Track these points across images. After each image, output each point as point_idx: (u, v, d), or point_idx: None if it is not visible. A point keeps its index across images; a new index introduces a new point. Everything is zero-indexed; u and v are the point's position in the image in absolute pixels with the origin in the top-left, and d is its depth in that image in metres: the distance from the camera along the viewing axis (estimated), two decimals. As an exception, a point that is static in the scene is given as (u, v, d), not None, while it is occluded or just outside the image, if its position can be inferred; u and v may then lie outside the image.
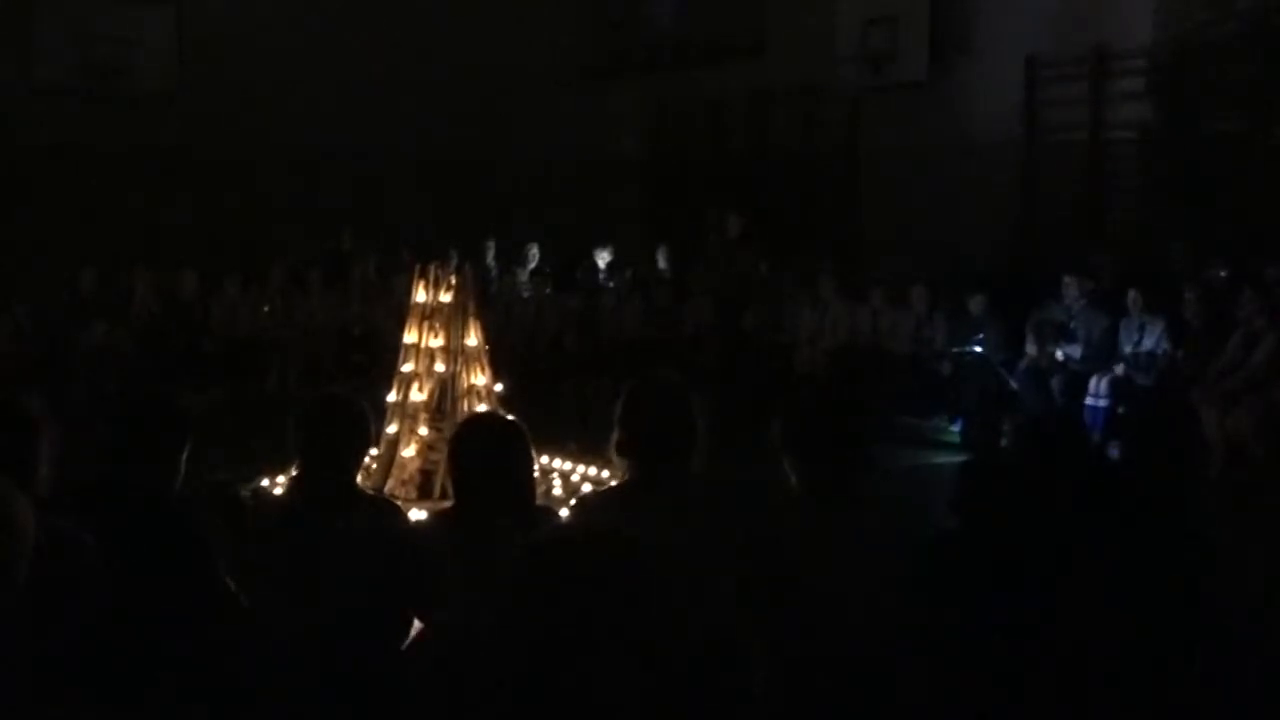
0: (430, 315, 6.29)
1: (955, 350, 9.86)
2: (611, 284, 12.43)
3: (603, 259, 12.64)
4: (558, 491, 6.25)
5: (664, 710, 2.77)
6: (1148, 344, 8.91)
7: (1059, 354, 9.29)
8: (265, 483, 5.99)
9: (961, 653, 3.08)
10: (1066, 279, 9.45)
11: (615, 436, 3.43)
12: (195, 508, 3.39)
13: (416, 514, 4.90)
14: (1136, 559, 3.16)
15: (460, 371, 6.28)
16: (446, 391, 6.24)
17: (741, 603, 3.18)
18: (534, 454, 3.60)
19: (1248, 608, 3.19)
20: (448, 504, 3.46)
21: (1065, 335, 9.37)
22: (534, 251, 12.70)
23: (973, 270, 10.54)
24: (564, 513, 3.89)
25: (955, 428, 9.67)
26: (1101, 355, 9.15)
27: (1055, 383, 9.12)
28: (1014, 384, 9.35)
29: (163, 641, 2.93)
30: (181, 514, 3.30)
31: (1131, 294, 9.04)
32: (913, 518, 3.62)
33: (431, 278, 6.35)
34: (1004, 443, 8.92)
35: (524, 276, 12.56)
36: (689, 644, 3.03)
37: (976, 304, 9.96)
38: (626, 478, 3.47)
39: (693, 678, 3.04)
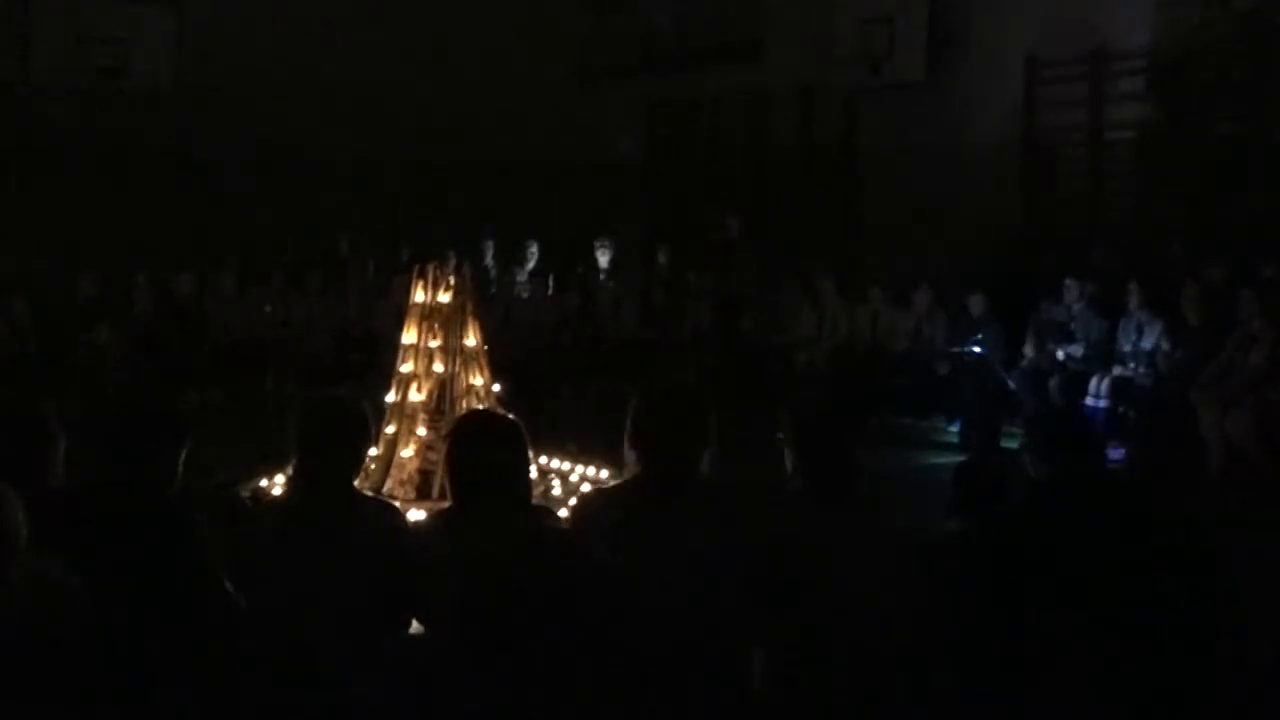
0: (429, 315, 6.28)
1: (954, 350, 9.86)
2: (611, 284, 12.43)
3: (603, 259, 12.63)
4: (557, 491, 6.24)
5: (664, 705, 2.77)
6: (1146, 344, 8.91)
7: (1060, 354, 9.30)
8: (264, 483, 5.98)
9: (960, 652, 3.08)
10: (1068, 281, 9.45)
11: (627, 433, 3.44)
12: (193, 508, 3.39)
13: (415, 514, 4.90)
14: (1135, 560, 3.16)
15: (459, 372, 6.27)
16: (445, 392, 6.23)
17: (744, 602, 3.18)
18: (531, 453, 3.59)
19: (1247, 609, 3.19)
20: (446, 504, 3.45)
21: (1065, 336, 9.37)
22: (533, 251, 12.69)
23: (972, 270, 10.54)
24: (563, 513, 3.89)
25: (954, 428, 9.67)
26: (1101, 356, 9.15)
27: (1054, 383, 9.12)
28: (1013, 384, 9.35)
29: (161, 642, 2.94)
30: (180, 515, 3.30)
31: (1131, 287, 9.03)
32: (911, 518, 3.62)
33: (430, 278, 6.34)
34: (1009, 443, 8.95)
35: (523, 276, 12.55)
36: (685, 642, 3.03)
37: (976, 304, 9.97)
38: (632, 475, 3.47)
39: (694, 674, 3.05)
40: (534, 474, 5.43)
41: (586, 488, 5.98)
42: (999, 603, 3.11)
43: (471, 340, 6.32)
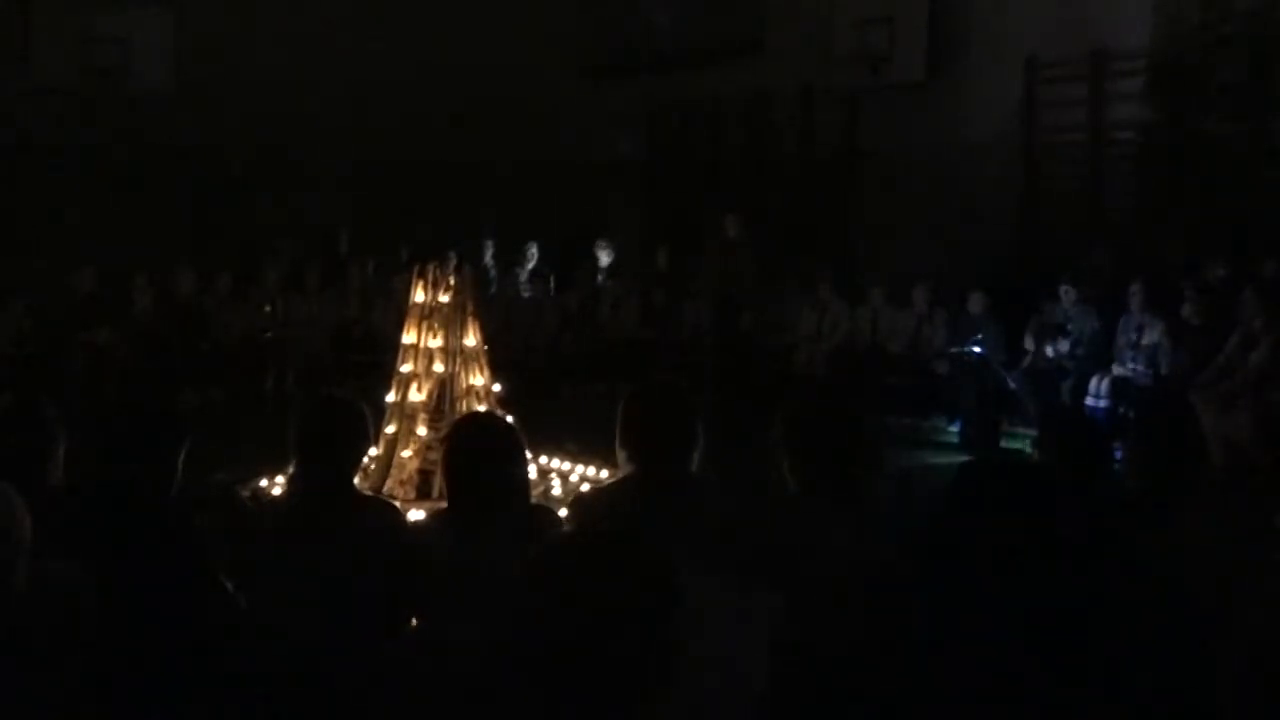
0: (429, 315, 6.29)
1: (954, 350, 9.87)
2: (611, 284, 12.44)
3: (603, 259, 12.64)
4: (557, 491, 6.25)
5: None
6: (1146, 343, 8.91)
7: (1049, 350, 9.31)
8: (264, 483, 5.99)
9: (951, 653, 3.08)
10: (1064, 289, 9.44)
11: (617, 434, 3.44)
12: (193, 508, 3.39)
13: (415, 514, 4.90)
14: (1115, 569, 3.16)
15: (459, 372, 6.29)
16: (445, 392, 6.24)
17: (739, 601, 3.18)
18: (528, 453, 3.60)
19: (1243, 609, 3.18)
20: (445, 504, 3.46)
21: (1064, 335, 9.38)
22: (533, 251, 12.71)
23: (972, 270, 10.55)
24: (562, 512, 3.89)
25: (954, 428, 9.68)
26: (1095, 355, 9.15)
27: (1067, 385, 9.12)
28: (1013, 384, 9.36)
29: (161, 643, 2.94)
30: (179, 515, 3.31)
31: (1134, 288, 9.03)
32: (910, 518, 3.62)
33: (430, 278, 6.35)
34: (1009, 443, 8.96)
35: (523, 276, 12.57)
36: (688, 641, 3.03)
37: (976, 303, 9.97)
38: (625, 475, 3.47)
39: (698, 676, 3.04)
40: (534, 474, 5.45)
41: (586, 488, 5.99)
42: (989, 605, 3.10)
43: (471, 340, 6.34)
